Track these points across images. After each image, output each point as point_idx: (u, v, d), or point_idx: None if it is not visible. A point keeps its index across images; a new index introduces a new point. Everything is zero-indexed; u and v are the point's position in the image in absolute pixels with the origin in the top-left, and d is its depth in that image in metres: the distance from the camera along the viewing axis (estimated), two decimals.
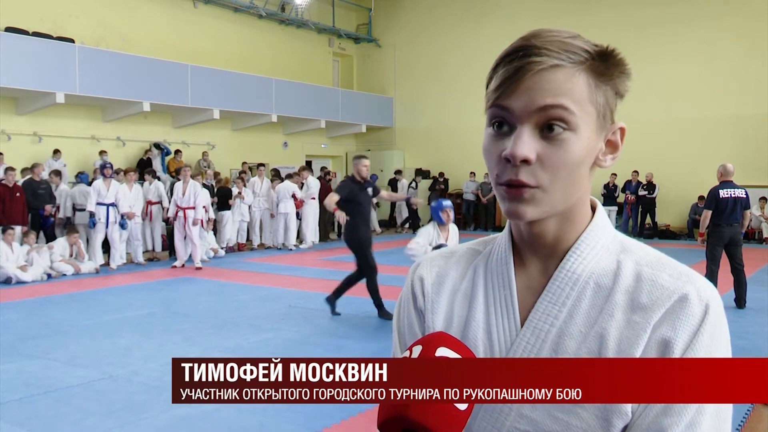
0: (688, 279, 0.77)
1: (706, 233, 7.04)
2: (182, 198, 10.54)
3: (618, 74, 0.79)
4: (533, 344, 0.80)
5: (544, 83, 0.74)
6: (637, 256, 0.81)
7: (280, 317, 6.82)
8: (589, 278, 0.80)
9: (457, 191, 17.39)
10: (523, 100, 0.75)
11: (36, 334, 6.11)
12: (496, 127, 0.78)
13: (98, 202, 10.12)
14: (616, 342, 0.76)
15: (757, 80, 14.23)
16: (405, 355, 0.74)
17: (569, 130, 0.75)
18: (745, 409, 4.04)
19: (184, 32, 14.82)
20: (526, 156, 0.74)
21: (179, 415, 4.02)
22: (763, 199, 13.70)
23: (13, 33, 11.39)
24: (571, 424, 0.75)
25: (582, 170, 0.78)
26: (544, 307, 0.80)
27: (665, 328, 0.75)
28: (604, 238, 0.82)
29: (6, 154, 10.95)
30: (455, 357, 0.72)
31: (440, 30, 18.22)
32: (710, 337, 0.74)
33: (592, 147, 0.78)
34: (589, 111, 0.76)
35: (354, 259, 6.67)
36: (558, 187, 0.76)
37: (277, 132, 16.89)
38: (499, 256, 0.87)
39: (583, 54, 0.76)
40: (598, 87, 0.77)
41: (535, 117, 0.75)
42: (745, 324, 6.35)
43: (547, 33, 0.77)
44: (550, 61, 0.74)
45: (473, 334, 0.84)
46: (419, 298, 0.90)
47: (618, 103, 0.81)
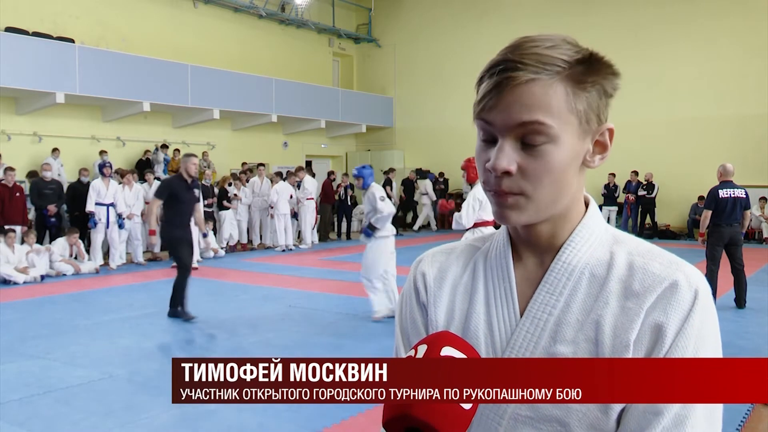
0: (678, 267, 0.81)
1: (706, 233, 7.04)
2: None
3: (603, 77, 0.81)
4: (533, 333, 0.83)
5: (522, 98, 0.77)
6: (629, 246, 0.85)
7: (280, 317, 6.82)
8: (584, 269, 0.83)
9: (457, 191, 17.38)
10: (503, 115, 0.78)
11: (36, 334, 6.11)
12: (483, 137, 0.82)
13: (97, 202, 10.13)
14: (612, 328, 0.79)
15: (757, 80, 14.22)
16: (410, 354, 0.74)
17: (549, 143, 0.78)
18: (745, 409, 4.04)
19: (184, 32, 14.82)
20: (505, 168, 0.78)
21: (179, 415, 4.02)
22: (763, 199, 13.70)
23: (13, 33, 11.40)
24: (572, 408, 0.78)
25: (568, 175, 0.81)
26: (542, 297, 0.84)
27: (657, 313, 0.78)
28: (597, 231, 0.86)
29: (6, 154, 10.95)
30: (460, 356, 0.73)
31: (440, 30, 18.21)
32: (700, 320, 0.77)
33: (576, 152, 0.81)
34: (568, 120, 0.79)
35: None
36: (542, 194, 0.80)
37: (277, 132, 16.89)
38: (497, 251, 0.90)
39: (560, 65, 0.78)
40: (577, 95, 0.79)
41: (515, 131, 0.78)
42: (745, 324, 6.35)
43: (527, 45, 0.79)
44: (526, 75, 0.77)
45: (475, 325, 0.87)
46: (422, 293, 0.93)
47: (609, 102, 0.82)
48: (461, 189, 17.14)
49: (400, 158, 18.88)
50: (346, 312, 7.01)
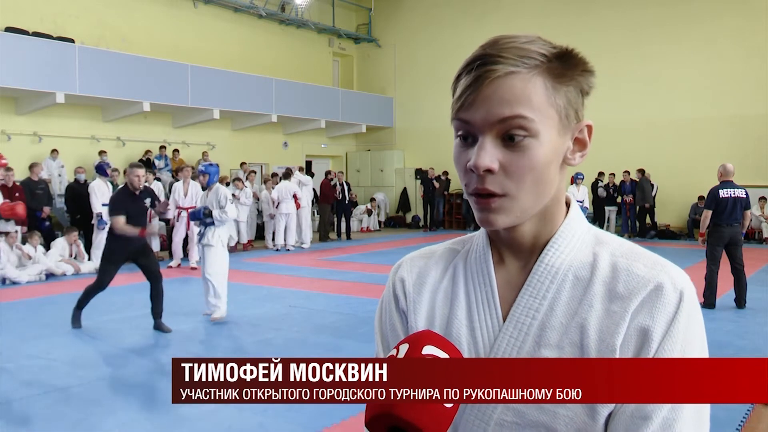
0: (662, 268, 0.79)
1: (706, 233, 7.03)
2: (184, 198, 10.58)
3: (579, 73, 0.80)
4: (516, 338, 0.81)
5: (501, 93, 0.76)
6: (612, 247, 0.83)
7: (280, 317, 6.82)
8: (568, 271, 0.82)
9: (457, 191, 17.39)
10: (482, 112, 0.76)
11: (36, 334, 6.11)
12: (461, 138, 0.80)
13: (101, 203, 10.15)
14: (597, 331, 0.78)
15: (757, 80, 14.21)
16: (392, 353, 0.74)
17: (530, 137, 0.77)
18: (745, 409, 4.04)
19: (184, 32, 14.82)
20: (488, 166, 0.76)
21: (179, 415, 4.02)
22: (763, 199, 13.69)
23: (13, 33, 11.39)
24: (558, 413, 0.77)
25: (549, 172, 0.79)
26: (525, 301, 0.82)
27: (643, 316, 0.77)
28: (579, 231, 0.84)
29: (6, 154, 10.93)
30: (443, 356, 0.73)
31: (440, 30, 18.21)
32: (686, 323, 0.76)
33: (557, 148, 0.79)
34: (549, 114, 0.77)
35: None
36: (525, 193, 0.78)
37: (277, 132, 16.89)
38: (477, 254, 0.88)
39: (539, 58, 0.77)
40: (556, 89, 0.78)
41: (496, 128, 0.77)
42: (745, 324, 6.35)
43: (504, 40, 0.78)
44: (505, 68, 0.76)
45: (456, 331, 0.85)
46: (401, 299, 0.91)
47: (584, 100, 0.82)
48: (461, 189, 17.11)
49: (400, 158, 18.88)
50: (346, 312, 7.02)
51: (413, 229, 17.55)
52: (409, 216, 18.44)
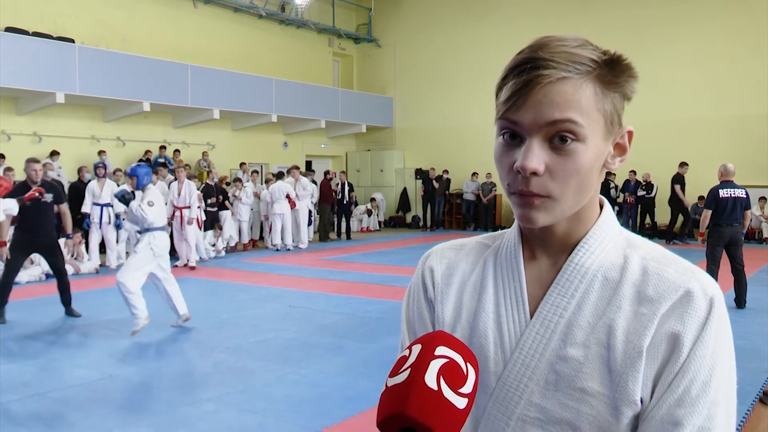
0: (693, 274, 0.79)
1: (706, 233, 7.03)
2: (178, 198, 10.58)
3: (625, 79, 0.80)
4: (543, 335, 0.81)
5: (552, 96, 0.75)
6: (643, 251, 0.84)
7: (280, 317, 6.82)
8: (597, 271, 0.82)
9: (457, 191, 17.39)
10: (532, 114, 0.76)
11: (36, 334, 6.11)
12: (507, 137, 0.79)
13: (94, 202, 10.15)
14: (624, 332, 0.78)
15: (757, 80, 14.22)
16: (404, 354, 0.74)
17: (577, 141, 0.77)
18: (745, 409, 4.04)
19: (184, 32, 14.83)
20: (535, 168, 0.76)
21: (179, 415, 4.02)
22: (763, 199, 13.69)
23: (13, 33, 11.40)
24: (582, 411, 0.78)
25: (592, 176, 0.80)
26: (553, 298, 0.82)
27: (673, 321, 0.77)
28: (611, 234, 0.85)
29: (6, 154, 10.95)
30: (455, 357, 0.73)
31: (440, 30, 18.21)
32: (717, 330, 0.77)
33: (601, 153, 0.80)
34: (596, 119, 0.78)
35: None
36: (568, 195, 0.78)
37: (277, 132, 16.90)
38: (508, 250, 0.89)
39: (590, 64, 0.77)
40: (605, 95, 0.78)
41: (544, 130, 0.76)
42: (745, 324, 6.34)
43: (555, 43, 0.78)
44: (557, 73, 0.76)
45: (483, 325, 0.86)
46: (429, 289, 0.92)
47: (625, 105, 0.82)
48: (461, 189, 17.14)
49: (400, 158, 18.88)
50: (346, 312, 7.01)
51: (413, 229, 17.55)
52: (409, 216, 18.44)
